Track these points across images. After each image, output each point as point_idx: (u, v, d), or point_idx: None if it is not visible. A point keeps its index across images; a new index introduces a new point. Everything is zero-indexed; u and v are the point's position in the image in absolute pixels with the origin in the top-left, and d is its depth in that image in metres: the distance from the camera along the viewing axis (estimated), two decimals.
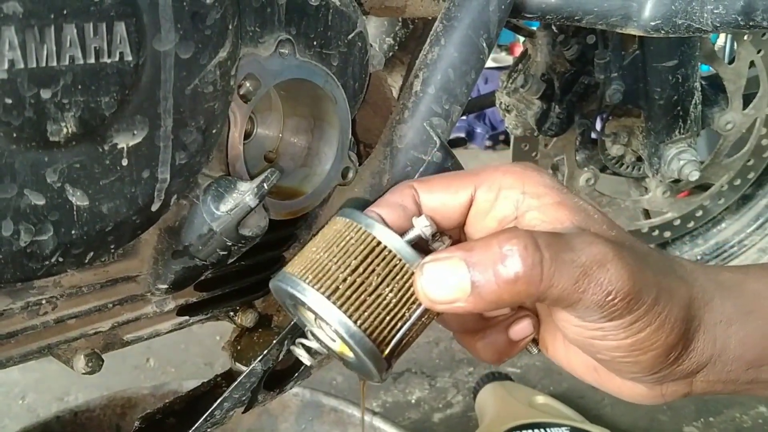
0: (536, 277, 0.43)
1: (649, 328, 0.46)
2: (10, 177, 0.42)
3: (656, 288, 0.46)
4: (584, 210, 0.49)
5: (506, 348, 0.54)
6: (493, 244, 0.43)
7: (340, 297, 0.46)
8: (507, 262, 0.43)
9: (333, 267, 0.47)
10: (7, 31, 0.39)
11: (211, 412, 0.62)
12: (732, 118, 1.34)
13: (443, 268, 0.44)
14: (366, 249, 0.47)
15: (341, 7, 0.60)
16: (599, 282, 0.44)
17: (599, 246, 0.45)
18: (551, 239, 0.44)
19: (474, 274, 0.43)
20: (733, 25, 0.69)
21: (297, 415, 1.27)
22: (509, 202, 0.50)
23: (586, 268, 0.44)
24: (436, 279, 0.44)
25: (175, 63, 0.46)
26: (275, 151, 0.63)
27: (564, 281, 0.43)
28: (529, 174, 0.50)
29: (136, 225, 0.49)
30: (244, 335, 0.73)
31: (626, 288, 0.44)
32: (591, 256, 0.44)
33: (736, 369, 0.50)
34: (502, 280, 0.43)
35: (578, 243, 0.44)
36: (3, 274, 0.44)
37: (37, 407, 1.60)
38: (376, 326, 0.47)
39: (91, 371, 0.59)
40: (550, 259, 0.43)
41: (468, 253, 0.44)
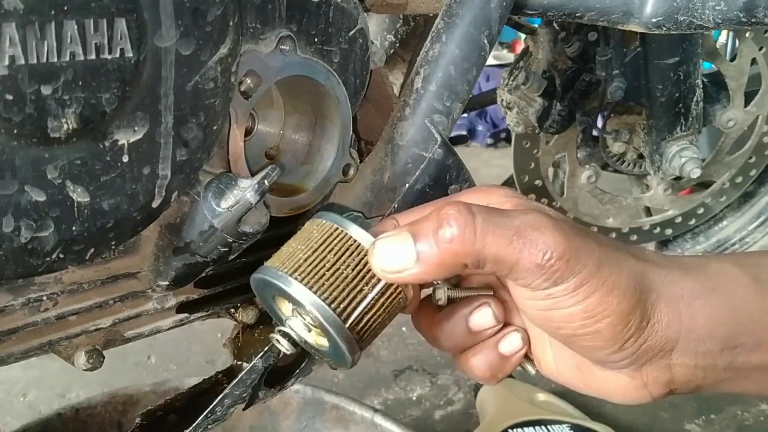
0: (470, 236, 0.47)
1: (597, 293, 0.48)
2: (10, 173, 0.41)
3: (599, 253, 0.48)
4: (540, 208, 0.52)
5: (499, 364, 0.57)
6: (433, 214, 0.48)
7: (301, 273, 0.51)
8: (443, 226, 0.47)
9: (296, 252, 0.52)
10: (8, 27, 0.39)
11: (212, 409, 0.62)
12: (734, 115, 1.34)
13: (392, 241, 0.49)
14: (324, 234, 0.52)
15: (342, 4, 0.60)
16: (534, 242, 0.47)
17: (534, 214, 0.48)
18: (486, 207, 0.48)
19: (418, 243, 0.48)
20: (735, 21, 0.69)
21: (298, 413, 1.27)
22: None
23: (520, 230, 0.47)
24: (386, 251, 0.49)
25: (175, 59, 0.46)
26: (276, 148, 0.63)
27: (498, 241, 0.47)
28: (493, 190, 0.55)
29: (136, 221, 0.49)
30: (245, 332, 0.73)
31: (561, 248, 0.47)
32: (525, 220, 0.48)
33: (711, 349, 0.50)
34: (441, 242, 0.47)
35: (513, 212, 0.49)
36: (4, 270, 0.44)
37: (38, 404, 1.61)
38: (337, 296, 0.50)
39: (92, 368, 0.59)
40: (482, 220, 0.47)
41: (413, 226, 0.49)
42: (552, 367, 0.57)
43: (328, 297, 0.50)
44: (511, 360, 0.56)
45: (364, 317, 0.51)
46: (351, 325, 0.51)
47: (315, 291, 0.50)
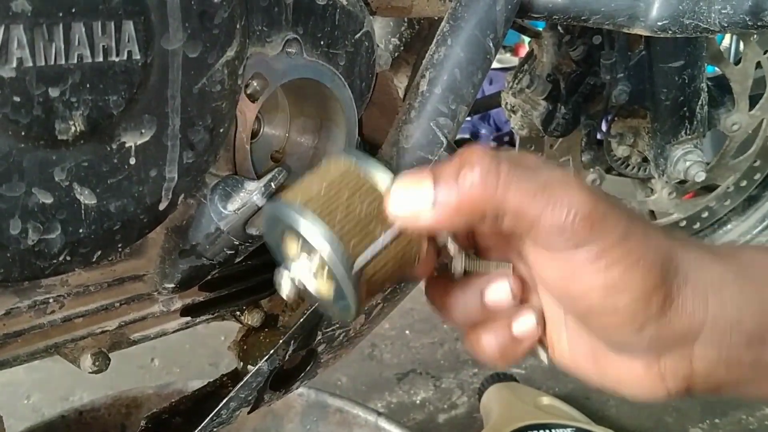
0: (492, 182, 0.43)
1: (620, 264, 0.45)
2: (18, 175, 0.42)
3: (626, 222, 0.45)
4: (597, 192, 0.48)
5: (511, 346, 0.53)
6: (456, 158, 0.45)
7: (314, 205, 0.47)
8: (466, 170, 0.44)
9: (311, 186, 0.48)
10: (16, 30, 0.39)
11: (218, 412, 0.62)
12: (738, 119, 1.34)
13: (410, 182, 0.46)
14: (341, 171, 0.49)
15: (348, 7, 0.60)
16: (559, 199, 0.44)
17: (563, 171, 0.45)
18: (513, 156, 0.45)
19: (438, 188, 0.45)
20: (740, 25, 0.69)
21: (302, 416, 1.27)
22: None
23: (546, 184, 0.44)
24: (403, 191, 0.46)
25: (183, 62, 0.46)
26: (282, 150, 0.63)
27: (521, 193, 0.44)
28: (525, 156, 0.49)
29: (143, 224, 0.49)
30: (250, 335, 0.73)
31: (587, 208, 0.44)
32: (552, 176, 0.44)
33: (736, 342, 0.47)
34: (461, 186, 0.44)
35: (543, 167, 0.45)
36: (11, 272, 0.44)
37: (42, 407, 1.61)
38: (348, 232, 0.47)
39: (98, 370, 0.59)
40: (507, 168, 0.44)
41: (434, 169, 0.46)
42: (566, 353, 0.54)
43: (338, 231, 0.47)
44: (524, 343, 0.53)
45: (373, 261, 0.48)
46: (359, 267, 0.48)
47: (326, 222, 0.47)
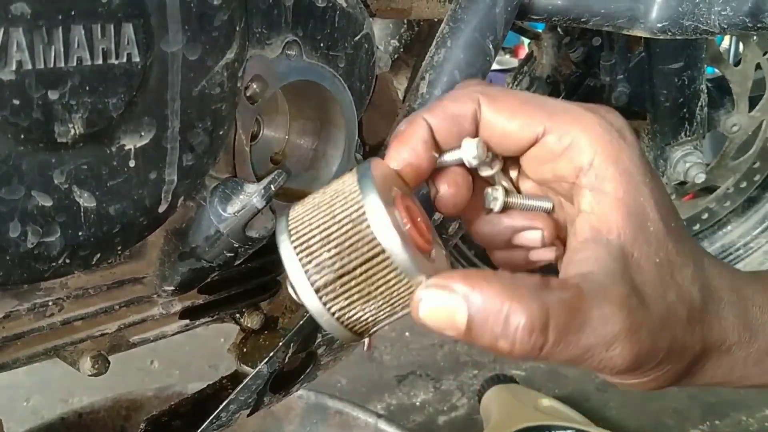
0: (532, 355, 0.41)
1: (641, 379, 0.46)
2: (17, 178, 0.41)
3: (666, 352, 0.44)
4: (642, 217, 0.45)
5: (523, 265, 0.52)
6: (503, 306, 0.40)
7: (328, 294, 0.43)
8: (509, 335, 0.40)
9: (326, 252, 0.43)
10: (15, 32, 0.39)
11: (217, 414, 0.62)
12: (738, 120, 1.34)
13: (445, 301, 0.41)
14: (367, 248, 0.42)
15: (348, 9, 0.60)
16: (602, 359, 0.42)
17: (615, 323, 0.41)
18: (565, 319, 0.40)
19: (474, 318, 0.40)
20: (740, 26, 0.69)
21: (302, 418, 1.27)
22: (573, 165, 0.46)
23: (592, 349, 0.41)
24: (433, 309, 0.41)
25: (182, 64, 0.46)
26: (281, 153, 0.63)
27: (563, 357, 0.41)
28: (607, 141, 0.45)
29: (143, 226, 0.49)
30: (250, 337, 0.73)
31: (627, 365, 0.43)
32: (601, 337, 0.41)
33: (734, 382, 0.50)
34: (497, 346, 0.41)
35: (595, 319, 0.41)
36: (10, 275, 0.44)
37: (41, 409, 1.61)
38: (357, 320, 0.44)
39: (97, 373, 0.59)
40: (553, 343, 0.40)
41: (473, 294, 0.40)
42: None
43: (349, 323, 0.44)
44: (537, 264, 0.52)
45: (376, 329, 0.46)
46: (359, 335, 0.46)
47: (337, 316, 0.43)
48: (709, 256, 0.48)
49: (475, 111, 0.46)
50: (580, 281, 0.42)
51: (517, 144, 0.47)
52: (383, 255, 0.42)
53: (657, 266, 0.44)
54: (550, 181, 0.48)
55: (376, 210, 0.42)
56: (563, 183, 0.47)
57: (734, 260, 1.67)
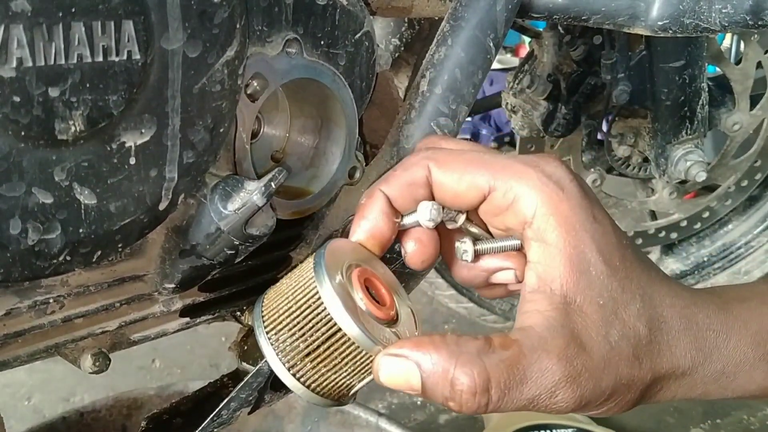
0: (480, 411, 0.45)
1: (596, 412, 0.49)
2: (18, 175, 0.41)
3: (610, 391, 0.47)
4: (584, 262, 0.47)
5: (506, 296, 0.57)
6: (448, 373, 0.45)
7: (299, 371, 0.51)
8: (456, 398, 0.45)
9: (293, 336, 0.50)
10: (16, 29, 0.39)
11: (218, 412, 0.62)
12: (739, 118, 1.34)
13: (399, 367, 0.46)
14: (325, 328, 0.49)
15: (348, 7, 0.60)
16: (546, 404, 0.46)
17: (555, 373, 0.45)
18: (505, 376, 0.45)
19: (425, 380, 0.45)
20: (741, 24, 0.69)
21: (303, 417, 1.27)
22: (518, 218, 0.49)
23: (535, 399, 0.46)
24: (391, 373, 0.47)
25: (182, 62, 0.46)
26: (282, 150, 0.63)
27: (510, 408, 0.46)
28: (546, 192, 0.48)
29: (143, 224, 0.49)
30: (251, 335, 0.73)
31: (572, 407, 0.47)
32: (542, 387, 0.45)
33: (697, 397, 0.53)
34: (447, 403, 0.46)
35: (534, 373, 0.45)
36: (11, 272, 0.44)
37: (43, 408, 1.61)
38: (333, 389, 0.51)
39: (98, 370, 0.59)
40: (496, 400, 0.45)
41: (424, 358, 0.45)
42: None
43: (322, 391, 0.51)
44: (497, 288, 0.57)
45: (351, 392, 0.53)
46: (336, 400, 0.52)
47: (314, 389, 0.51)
48: (662, 285, 0.50)
49: (426, 176, 0.51)
50: (521, 337, 0.46)
51: (469, 202, 0.51)
52: (341, 332, 0.48)
53: (600, 308, 0.47)
54: (504, 232, 0.52)
55: (328, 295, 0.48)
56: (516, 233, 0.51)
57: (735, 259, 1.67)
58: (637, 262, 0.50)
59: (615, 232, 0.49)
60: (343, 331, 0.48)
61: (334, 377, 0.51)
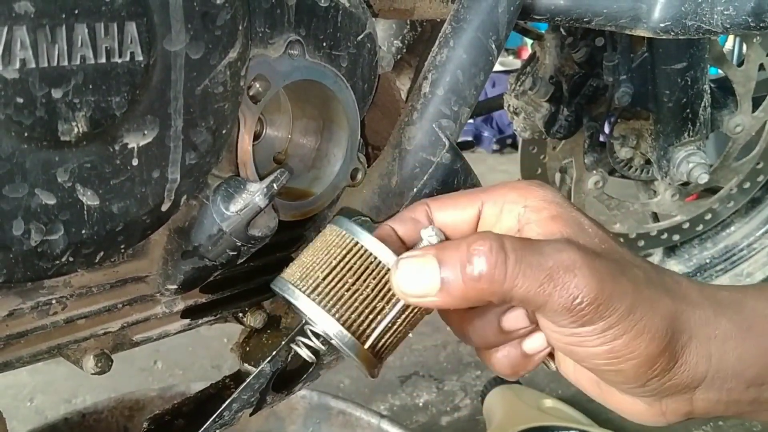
0: (499, 276, 0.45)
1: (625, 336, 0.46)
2: (21, 176, 0.42)
3: (632, 296, 0.46)
4: (578, 224, 0.50)
5: (521, 361, 0.56)
6: (463, 244, 0.46)
7: (319, 294, 0.50)
8: (473, 260, 0.46)
9: (315, 268, 0.51)
10: (19, 31, 0.39)
11: (220, 414, 0.62)
12: (741, 120, 1.34)
13: (416, 265, 0.47)
14: (344, 250, 0.50)
15: (350, 9, 0.60)
16: (565, 286, 0.45)
17: (569, 252, 0.46)
18: (520, 243, 0.46)
19: (444, 271, 0.46)
20: (743, 26, 0.69)
21: (305, 418, 1.27)
22: (512, 216, 0.52)
23: (552, 272, 0.45)
24: (409, 274, 0.47)
25: (185, 63, 0.46)
26: (284, 152, 0.63)
27: (528, 283, 0.45)
28: (531, 189, 0.52)
29: (146, 225, 0.49)
30: (253, 336, 0.73)
31: (594, 293, 0.45)
32: (558, 261, 0.46)
33: (736, 387, 0.50)
34: (468, 278, 0.46)
35: (548, 249, 0.46)
36: (13, 273, 0.44)
37: (45, 409, 1.61)
38: (355, 319, 0.50)
39: (100, 371, 0.59)
40: (515, 260, 0.45)
41: (440, 251, 0.47)
42: (571, 373, 0.56)
43: (346, 321, 0.49)
44: (534, 358, 0.55)
45: (384, 336, 0.51)
46: (370, 347, 0.50)
47: (334, 315, 0.49)
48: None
49: (426, 212, 0.54)
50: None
51: (466, 224, 0.54)
52: (357, 246, 0.50)
53: (604, 250, 0.49)
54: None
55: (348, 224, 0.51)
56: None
57: (737, 261, 1.67)
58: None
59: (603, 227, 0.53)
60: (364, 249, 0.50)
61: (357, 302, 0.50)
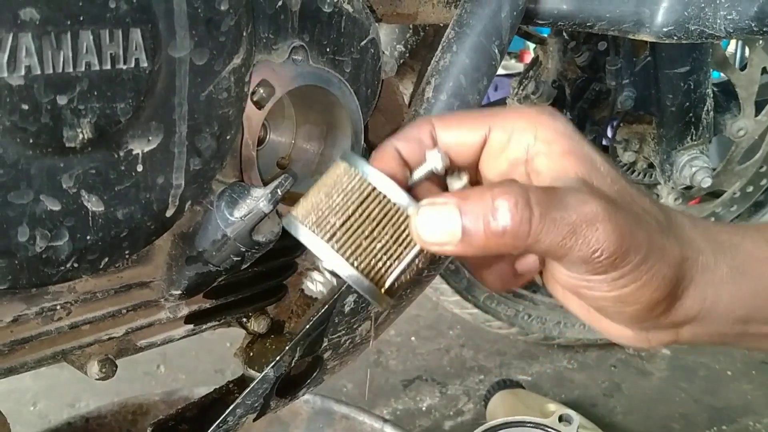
0: (524, 232, 0.45)
1: (634, 285, 0.48)
2: (26, 183, 0.42)
3: (646, 247, 0.47)
4: (591, 161, 0.50)
5: (511, 278, 0.56)
6: (487, 195, 0.45)
7: (338, 241, 0.48)
8: (497, 215, 0.45)
9: (331, 212, 0.49)
10: (24, 38, 0.39)
11: (224, 419, 0.62)
12: (744, 124, 1.34)
13: (438, 213, 0.46)
14: (362, 195, 0.49)
15: (354, 14, 0.60)
16: (587, 240, 0.46)
17: (592, 205, 0.46)
18: (544, 196, 0.46)
19: (466, 221, 0.45)
20: (746, 30, 0.69)
21: (308, 422, 1.27)
22: (521, 145, 0.51)
23: (575, 227, 0.45)
24: (430, 222, 0.46)
25: (190, 69, 0.46)
26: (288, 157, 0.64)
27: (551, 238, 0.45)
28: (542, 119, 0.51)
29: (150, 231, 0.49)
30: (257, 341, 0.73)
31: (613, 247, 0.46)
32: (582, 214, 0.46)
33: (723, 323, 0.52)
34: (491, 231, 0.45)
35: (572, 200, 0.46)
36: (18, 279, 0.44)
37: (48, 413, 1.61)
38: (373, 266, 0.49)
39: (104, 377, 0.59)
40: (539, 216, 0.45)
41: (463, 201, 0.46)
42: (559, 294, 0.57)
43: (365, 268, 0.49)
44: (525, 277, 0.56)
45: (400, 278, 0.50)
46: (387, 289, 0.50)
47: (353, 263, 0.48)
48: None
49: (431, 131, 0.52)
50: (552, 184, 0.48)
51: (471, 148, 0.52)
52: (375, 192, 0.48)
53: (617, 192, 0.49)
54: (508, 171, 0.53)
55: (357, 161, 0.48)
56: (518, 167, 0.52)
57: None
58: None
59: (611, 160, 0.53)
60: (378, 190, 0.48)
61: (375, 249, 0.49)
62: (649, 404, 1.63)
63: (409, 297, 0.75)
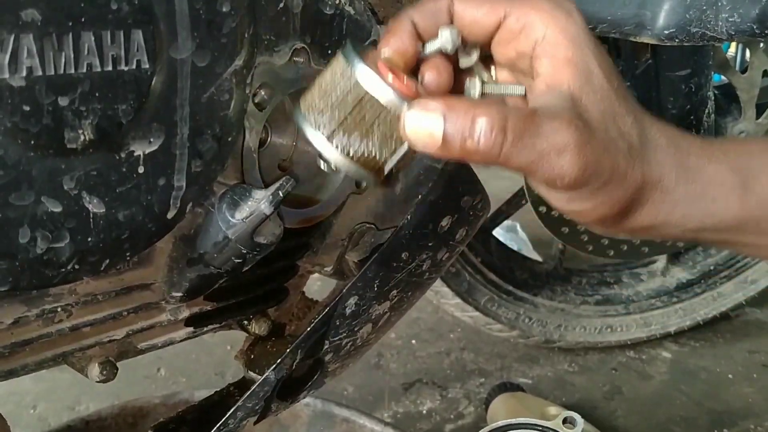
0: (494, 153, 0.49)
1: (588, 203, 0.52)
2: (27, 184, 0.42)
3: (608, 174, 0.51)
4: (587, 73, 0.52)
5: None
6: (470, 112, 0.49)
7: (339, 140, 0.51)
8: (474, 134, 0.48)
9: (329, 110, 0.51)
10: (26, 39, 0.39)
11: (225, 422, 0.62)
12: (745, 127, 1.34)
13: (425, 117, 0.49)
14: (356, 99, 0.51)
15: (356, 16, 0.60)
16: (551, 166, 0.49)
17: (564, 134, 0.49)
18: (520, 123, 0.49)
19: (448, 128, 0.49)
20: (748, 33, 0.69)
21: (308, 426, 1.27)
22: (529, 40, 0.53)
23: (544, 154, 0.49)
24: (416, 125, 0.50)
25: (191, 71, 0.46)
26: (289, 159, 0.63)
27: (520, 160, 0.49)
28: (556, 17, 0.53)
29: (151, 233, 0.49)
30: (257, 344, 0.73)
31: (575, 176, 0.50)
32: (552, 143, 0.49)
33: (673, 233, 0.57)
34: (465, 147, 0.49)
35: (546, 128, 0.49)
36: (19, 281, 0.44)
37: (48, 416, 1.60)
38: (368, 159, 0.52)
39: (105, 379, 0.59)
40: (511, 141, 0.48)
41: (448, 110, 0.49)
42: None
43: (360, 159, 0.52)
44: None
45: (396, 164, 0.53)
46: (384, 176, 0.53)
47: (351, 157, 0.51)
48: (650, 117, 0.57)
49: (448, 5, 0.54)
50: (535, 105, 0.52)
51: (485, 29, 0.55)
52: (368, 95, 0.51)
53: (601, 112, 0.52)
54: (515, 59, 0.55)
55: (353, 61, 0.51)
56: (525, 59, 0.54)
57: (742, 268, 1.67)
58: (630, 95, 0.55)
59: (612, 65, 0.55)
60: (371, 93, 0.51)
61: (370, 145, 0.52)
62: (650, 407, 1.63)
63: (410, 300, 0.75)
